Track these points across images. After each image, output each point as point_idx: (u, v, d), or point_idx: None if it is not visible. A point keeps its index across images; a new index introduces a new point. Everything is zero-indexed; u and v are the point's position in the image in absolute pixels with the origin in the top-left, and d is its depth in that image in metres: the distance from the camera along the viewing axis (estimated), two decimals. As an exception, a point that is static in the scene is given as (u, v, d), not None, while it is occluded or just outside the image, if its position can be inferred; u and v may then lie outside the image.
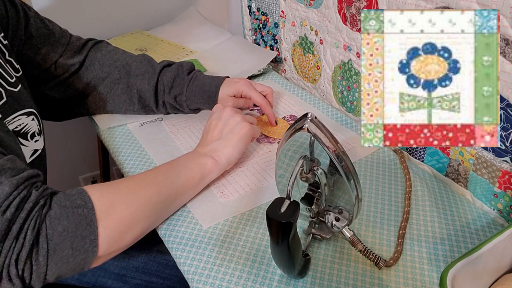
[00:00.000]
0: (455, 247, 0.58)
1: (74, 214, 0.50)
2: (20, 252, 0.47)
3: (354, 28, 0.78)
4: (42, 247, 0.48)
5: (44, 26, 0.75)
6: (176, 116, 0.86)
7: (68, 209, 0.50)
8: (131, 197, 0.56)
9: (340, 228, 0.54)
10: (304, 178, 0.52)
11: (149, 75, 0.81)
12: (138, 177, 0.61)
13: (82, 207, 0.51)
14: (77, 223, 0.50)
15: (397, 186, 0.69)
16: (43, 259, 0.48)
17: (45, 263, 0.49)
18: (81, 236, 0.50)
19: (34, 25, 0.73)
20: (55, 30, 0.77)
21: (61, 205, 0.50)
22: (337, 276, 0.55)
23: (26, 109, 0.63)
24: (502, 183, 0.60)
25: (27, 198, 0.48)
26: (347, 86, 0.84)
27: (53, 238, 0.49)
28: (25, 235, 0.47)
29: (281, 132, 0.82)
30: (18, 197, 0.48)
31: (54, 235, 0.49)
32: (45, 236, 0.48)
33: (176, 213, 0.64)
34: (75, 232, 0.50)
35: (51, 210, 0.49)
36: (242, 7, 1.11)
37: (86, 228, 0.51)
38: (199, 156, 0.67)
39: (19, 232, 0.47)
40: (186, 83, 0.81)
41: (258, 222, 0.62)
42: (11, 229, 0.47)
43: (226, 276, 0.54)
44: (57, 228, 0.49)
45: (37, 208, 0.49)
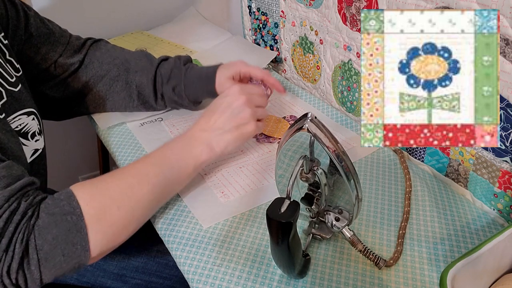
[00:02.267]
0: (455, 247, 0.58)
1: (62, 221, 0.50)
2: (10, 264, 0.47)
3: (354, 28, 0.78)
4: (32, 257, 0.48)
5: (44, 26, 0.75)
6: (176, 116, 0.86)
7: (57, 216, 0.50)
8: (122, 198, 0.55)
9: (340, 228, 0.54)
10: (304, 178, 0.52)
11: (148, 70, 0.81)
12: (129, 173, 0.58)
13: (71, 214, 0.50)
14: (66, 230, 0.50)
15: (397, 186, 0.69)
16: (35, 268, 0.49)
17: (38, 271, 0.49)
18: (72, 243, 0.50)
19: (34, 24, 0.73)
20: (55, 29, 0.77)
21: (49, 213, 0.50)
22: (337, 276, 0.55)
23: (26, 108, 0.63)
24: (502, 183, 0.60)
25: (16, 210, 0.48)
26: (347, 86, 0.84)
27: (43, 247, 0.48)
28: (14, 248, 0.47)
29: (281, 132, 0.82)
30: (8, 210, 0.47)
31: (44, 244, 0.48)
32: (34, 247, 0.48)
33: (176, 213, 0.64)
34: (65, 239, 0.50)
35: (39, 220, 0.49)
36: (242, 7, 1.11)
37: (76, 235, 0.50)
38: (194, 143, 0.64)
39: (8, 245, 0.47)
40: (182, 73, 0.81)
41: (258, 222, 0.62)
42: (0, 242, 0.47)
43: (226, 276, 0.54)
44: (47, 237, 0.49)
45: (25, 220, 0.48)
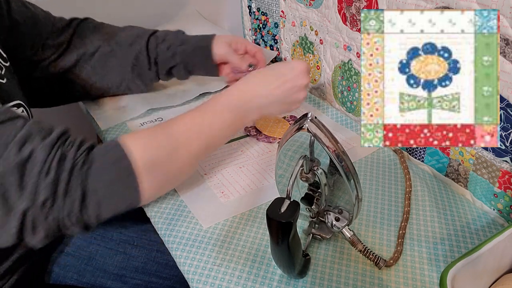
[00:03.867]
0: (455, 247, 0.58)
1: (114, 166, 0.53)
2: (71, 208, 0.51)
3: (354, 28, 0.78)
4: (90, 200, 0.52)
5: (27, 10, 0.74)
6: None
7: (109, 162, 0.53)
8: (173, 149, 0.58)
9: (340, 228, 0.54)
10: (304, 178, 0.52)
11: (141, 36, 0.82)
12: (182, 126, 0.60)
13: (122, 159, 0.54)
14: (118, 174, 0.53)
15: (397, 186, 0.69)
16: (92, 210, 0.52)
17: (94, 213, 0.53)
18: (124, 186, 0.54)
19: (16, 10, 0.72)
20: (38, 12, 0.76)
21: (101, 160, 0.53)
22: (337, 276, 0.55)
23: (15, 101, 0.63)
24: (502, 183, 0.60)
25: (64, 159, 0.51)
26: (347, 86, 0.84)
27: (99, 191, 0.52)
28: (72, 193, 0.50)
29: (281, 132, 0.82)
30: (55, 160, 0.50)
31: (99, 188, 0.52)
32: (91, 191, 0.52)
33: (176, 213, 0.64)
34: (118, 183, 0.53)
35: (92, 166, 0.52)
36: (242, 7, 1.11)
37: (128, 179, 0.54)
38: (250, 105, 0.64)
39: (66, 190, 0.50)
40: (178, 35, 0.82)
41: (258, 222, 0.62)
42: (57, 189, 0.50)
43: (226, 276, 0.54)
44: (101, 181, 0.52)
45: (78, 166, 0.51)
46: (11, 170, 0.48)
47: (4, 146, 0.48)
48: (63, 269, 0.76)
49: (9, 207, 0.49)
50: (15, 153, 0.48)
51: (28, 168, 0.49)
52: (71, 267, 0.76)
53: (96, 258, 0.77)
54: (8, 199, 0.48)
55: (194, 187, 0.68)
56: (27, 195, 0.48)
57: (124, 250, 0.78)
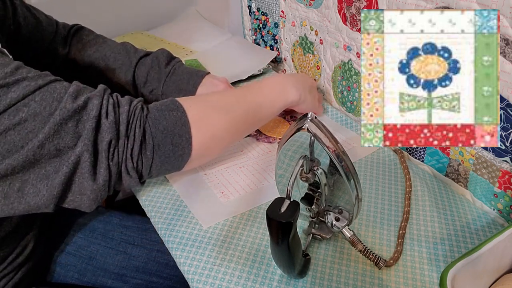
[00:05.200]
0: (455, 247, 0.58)
1: (170, 115, 0.58)
2: (133, 147, 0.54)
3: (354, 28, 0.78)
4: (149, 143, 0.55)
5: (31, 15, 0.74)
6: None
7: (164, 111, 0.58)
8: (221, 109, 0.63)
9: (340, 228, 0.54)
10: (304, 178, 0.52)
11: (126, 67, 0.81)
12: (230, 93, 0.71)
13: (176, 110, 0.58)
14: (173, 122, 0.57)
15: (397, 186, 0.69)
16: (150, 153, 0.56)
17: (151, 157, 0.56)
18: (178, 134, 0.57)
19: (21, 14, 0.72)
20: (42, 18, 0.77)
21: (158, 109, 0.58)
22: (337, 276, 0.55)
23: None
24: (502, 183, 0.60)
25: (118, 104, 0.55)
26: (347, 86, 0.84)
27: (157, 135, 0.56)
28: (134, 133, 0.54)
29: (281, 132, 0.82)
30: (109, 104, 0.54)
31: (157, 133, 0.56)
32: (150, 134, 0.56)
33: (176, 213, 0.64)
34: (173, 130, 0.57)
35: (150, 113, 0.57)
36: (242, 7, 1.11)
37: (182, 128, 0.58)
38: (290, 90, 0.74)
39: (127, 130, 0.54)
40: (163, 78, 0.80)
41: (258, 222, 0.62)
42: (119, 130, 0.54)
43: (226, 276, 0.54)
44: (159, 127, 0.56)
45: (138, 111, 0.56)
46: (70, 117, 0.51)
47: (59, 100, 0.51)
48: (64, 269, 0.77)
49: (65, 153, 0.51)
50: (71, 102, 0.52)
51: (85, 114, 0.52)
52: (72, 267, 0.77)
53: (97, 258, 0.77)
54: (64, 146, 0.51)
55: (194, 187, 0.68)
56: (86, 138, 0.51)
57: (124, 250, 0.78)
